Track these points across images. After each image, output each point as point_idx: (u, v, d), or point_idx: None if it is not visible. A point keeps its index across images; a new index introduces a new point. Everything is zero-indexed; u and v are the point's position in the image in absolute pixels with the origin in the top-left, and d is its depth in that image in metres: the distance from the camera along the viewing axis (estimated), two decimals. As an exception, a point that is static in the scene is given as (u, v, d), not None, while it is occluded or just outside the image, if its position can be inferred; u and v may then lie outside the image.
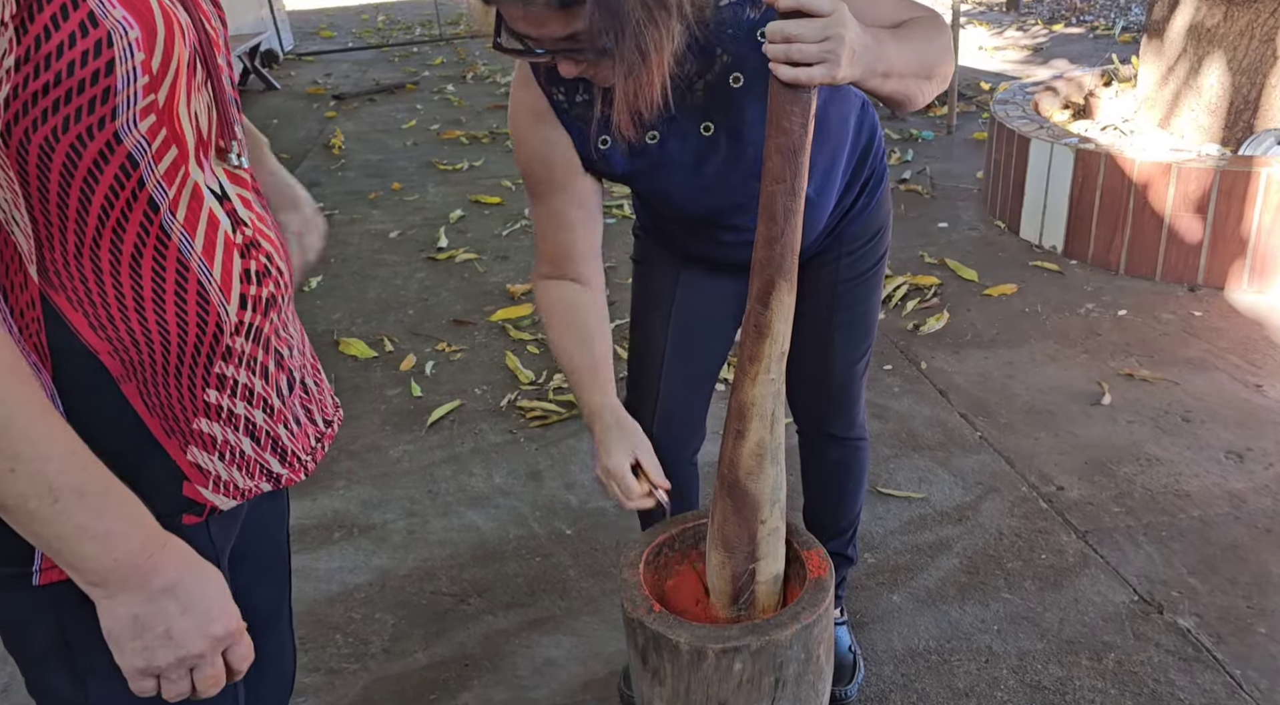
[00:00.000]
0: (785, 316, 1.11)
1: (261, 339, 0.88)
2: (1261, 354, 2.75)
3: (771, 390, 1.13)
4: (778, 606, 1.22)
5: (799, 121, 1.00)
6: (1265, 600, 1.86)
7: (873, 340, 1.55)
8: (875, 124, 1.43)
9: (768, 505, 1.16)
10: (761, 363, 1.12)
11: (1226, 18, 3.38)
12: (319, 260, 1.02)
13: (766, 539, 1.17)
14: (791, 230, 1.07)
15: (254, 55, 7.84)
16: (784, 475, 1.19)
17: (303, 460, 0.94)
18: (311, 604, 2.04)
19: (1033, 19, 8.34)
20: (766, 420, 1.14)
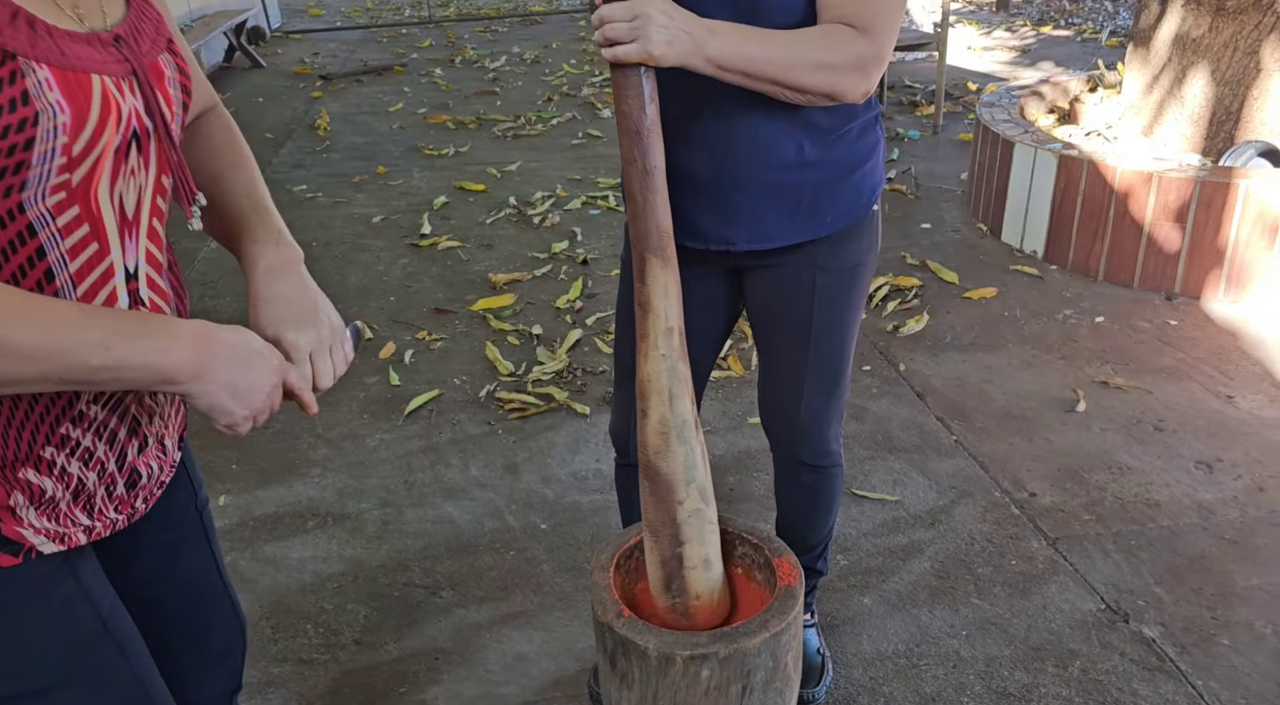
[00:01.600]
0: (663, 292, 1.14)
1: (120, 408, 0.88)
2: (1234, 365, 2.78)
3: (664, 366, 1.15)
4: (717, 597, 1.22)
5: (635, 103, 1.10)
6: (1229, 611, 1.89)
7: (847, 379, 1.52)
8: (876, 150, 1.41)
9: (682, 485, 1.16)
10: (649, 340, 1.15)
11: (1212, 29, 3.41)
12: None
13: (688, 521, 1.18)
14: (652, 208, 1.12)
15: (240, 32, 7.74)
16: (699, 456, 1.18)
17: (113, 519, 0.93)
18: (283, 593, 2.04)
19: (1021, 20, 8.36)
20: (664, 397, 1.15)
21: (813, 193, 1.34)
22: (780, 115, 1.28)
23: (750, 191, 1.33)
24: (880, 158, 1.43)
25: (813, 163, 1.32)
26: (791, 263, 1.39)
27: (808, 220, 1.36)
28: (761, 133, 1.29)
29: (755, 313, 1.49)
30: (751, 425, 2.57)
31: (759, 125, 1.28)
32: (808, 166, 1.32)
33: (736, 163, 1.31)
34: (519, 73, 7.23)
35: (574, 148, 5.24)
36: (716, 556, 1.22)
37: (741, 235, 1.36)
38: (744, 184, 1.32)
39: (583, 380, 2.85)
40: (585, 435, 2.57)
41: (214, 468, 2.48)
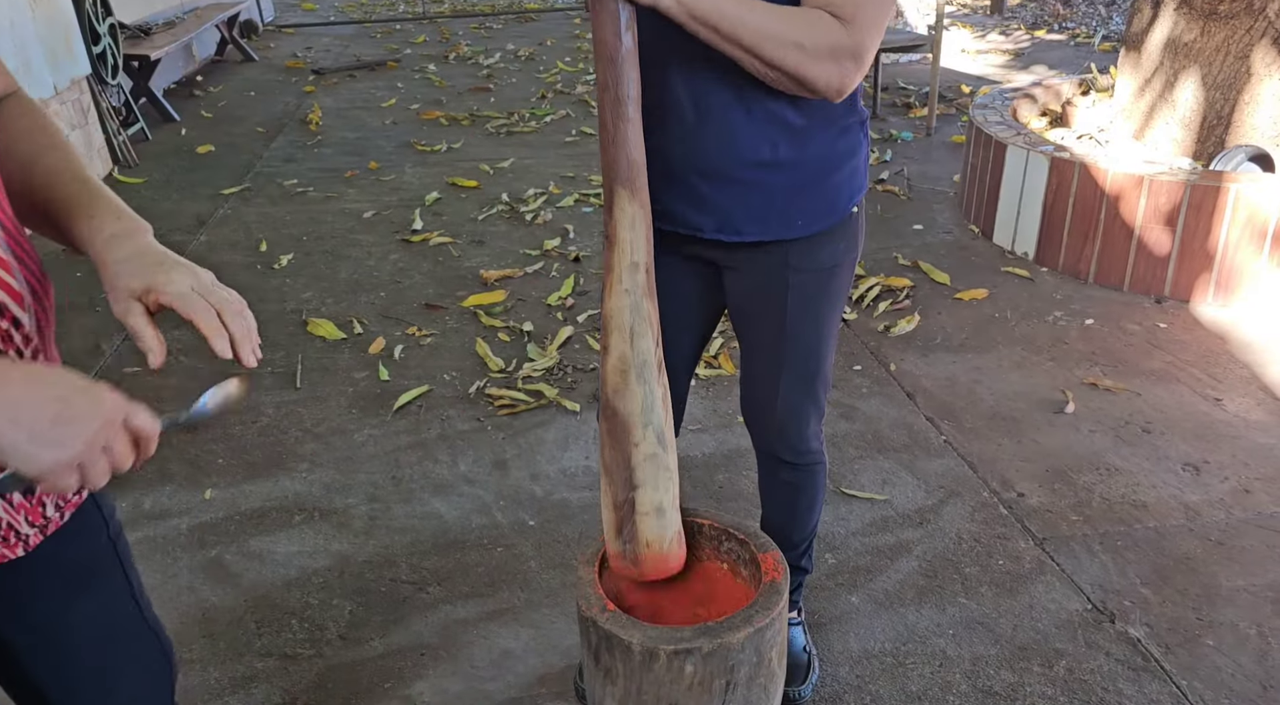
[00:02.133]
0: (630, 224, 1.12)
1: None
2: (1223, 368, 2.79)
3: (627, 302, 1.13)
4: (667, 547, 1.19)
5: (611, 29, 1.10)
6: (1214, 612, 1.90)
7: (825, 377, 1.51)
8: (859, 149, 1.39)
9: (639, 427, 1.14)
10: (614, 273, 1.13)
11: (1203, 33, 3.42)
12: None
13: (643, 465, 1.15)
14: (623, 137, 1.11)
15: (233, 25, 7.71)
16: (658, 400, 1.15)
17: (23, 534, 0.86)
18: (268, 588, 2.03)
19: (1015, 23, 8.38)
20: (625, 334, 1.13)
21: (784, 194, 1.33)
22: (757, 113, 1.27)
23: (720, 186, 1.32)
24: (863, 164, 1.40)
25: (786, 164, 1.31)
26: (766, 261, 1.39)
27: (777, 221, 1.35)
28: (737, 129, 1.28)
29: (733, 306, 1.49)
30: (740, 424, 2.57)
31: (734, 121, 1.27)
32: (780, 167, 1.31)
33: (709, 157, 1.30)
34: (513, 69, 7.22)
35: (567, 145, 5.23)
36: (671, 505, 1.19)
37: (709, 224, 1.35)
38: (714, 178, 1.31)
39: (573, 377, 2.84)
40: (575, 432, 2.56)
41: (200, 461, 2.47)
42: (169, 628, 1.94)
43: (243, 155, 5.18)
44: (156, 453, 2.06)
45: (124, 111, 5.30)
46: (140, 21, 6.10)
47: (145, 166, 4.98)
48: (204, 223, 4.18)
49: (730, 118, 1.27)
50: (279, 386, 2.82)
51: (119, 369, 2.94)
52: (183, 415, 0.82)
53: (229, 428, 2.62)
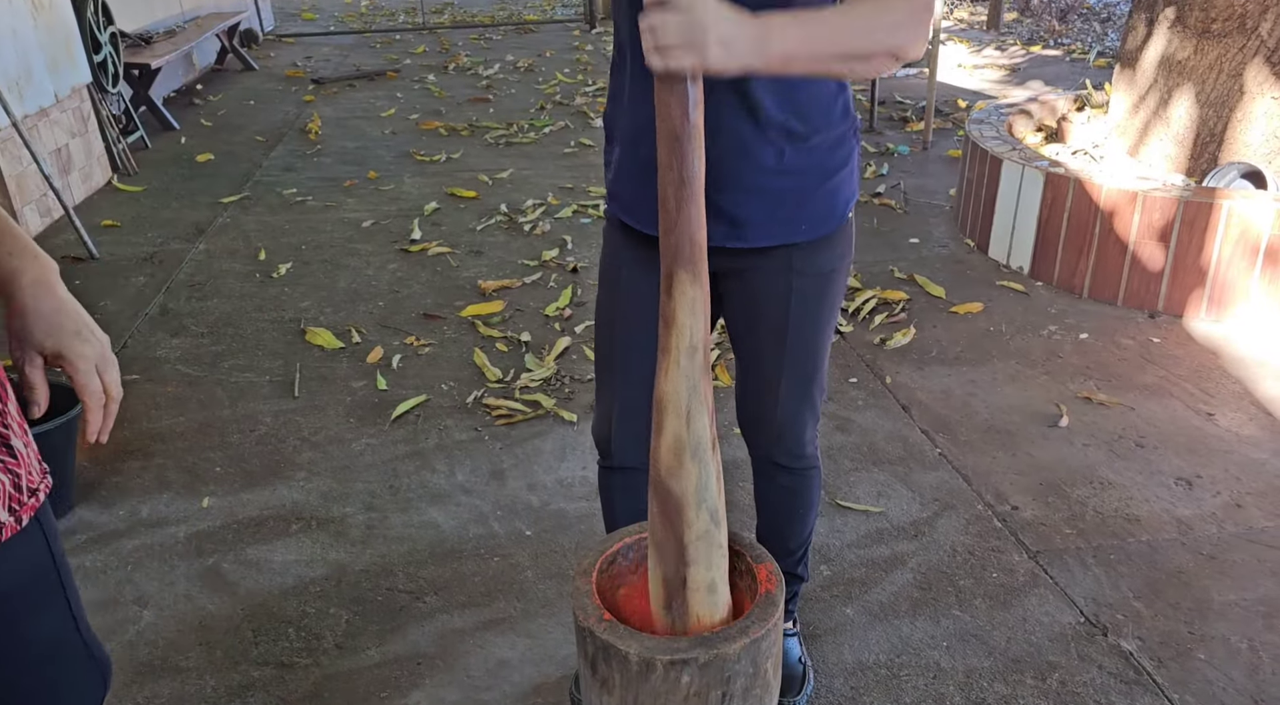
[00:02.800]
0: (690, 308, 1.10)
1: None
2: (1215, 383, 2.81)
3: (685, 385, 1.12)
4: (718, 621, 1.20)
5: (679, 110, 1.04)
6: (1206, 626, 1.91)
7: (822, 381, 1.54)
8: (853, 158, 1.42)
9: (693, 507, 1.14)
10: (671, 356, 1.12)
11: (1197, 51, 3.45)
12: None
13: (695, 543, 1.15)
14: (686, 219, 1.08)
15: (233, 34, 7.74)
16: (713, 478, 1.15)
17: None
18: (265, 596, 2.03)
19: (1012, 39, 8.44)
20: (681, 415, 1.12)
21: (791, 199, 1.36)
22: (764, 122, 1.30)
23: (731, 195, 1.35)
24: (855, 170, 1.45)
25: (792, 170, 1.34)
26: (768, 268, 1.41)
27: (784, 225, 1.38)
28: (746, 139, 1.31)
29: (732, 317, 1.51)
30: (736, 434, 2.58)
31: (745, 133, 1.30)
32: (787, 173, 1.34)
33: (721, 167, 1.32)
34: (512, 80, 7.25)
35: (566, 156, 5.25)
36: (723, 580, 1.20)
37: (719, 232, 1.37)
38: (726, 187, 1.34)
39: (570, 388, 2.85)
40: (572, 443, 2.57)
41: (198, 469, 2.48)
42: (166, 636, 1.96)
43: (242, 164, 5.20)
44: (154, 461, 2.10)
45: (124, 119, 5.32)
46: (141, 30, 6.13)
47: (144, 174, 4.99)
48: (203, 231, 4.19)
49: (741, 129, 1.30)
50: (277, 395, 2.83)
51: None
52: None
53: (227, 436, 2.62)
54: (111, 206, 4.51)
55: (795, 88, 1.30)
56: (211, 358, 3.05)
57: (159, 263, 3.84)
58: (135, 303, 3.47)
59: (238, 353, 3.09)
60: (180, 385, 2.89)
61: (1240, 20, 3.32)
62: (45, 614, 1.01)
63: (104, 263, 3.84)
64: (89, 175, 4.68)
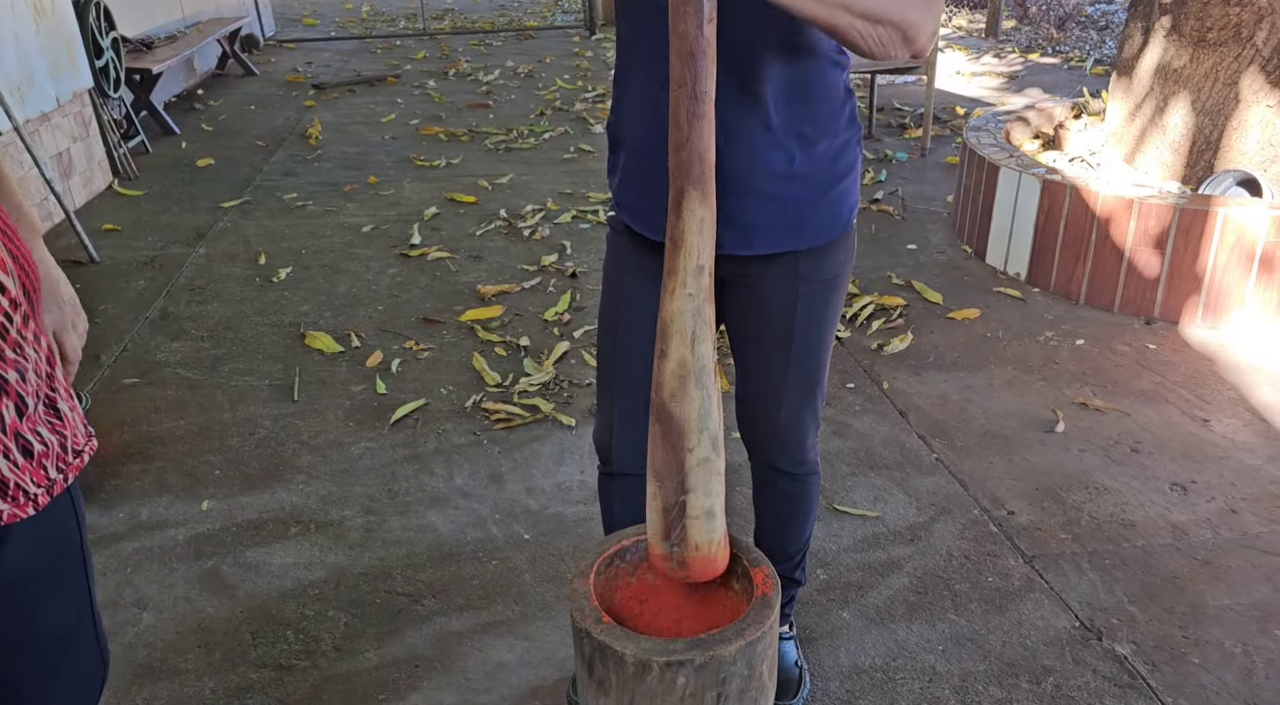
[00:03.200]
0: (698, 227, 1.10)
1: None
2: (1210, 389, 2.83)
3: (690, 306, 1.12)
4: (715, 550, 1.21)
5: (694, 22, 1.04)
6: (1200, 631, 1.92)
7: (824, 387, 1.55)
8: (856, 164, 1.43)
9: (694, 432, 1.14)
10: (678, 277, 1.12)
11: (1193, 60, 3.48)
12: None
13: (696, 469, 1.16)
14: (697, 135, 1.08)
15: (234, 40, 7.76)
16: (714, 403, 1.15)
17: (31, 494, 0.89)
18: (264, 599, 2.04)
19: (1010, 46, 8.48)
20: (686, 338, 1.12)
21: (798, 206, 1.38)
22: (775, 125, 1.31)
23: (741, 200, 1.36)
24: (858, 178, 1.46)
25: (800, 175, 1.36)
26: (774, 274, 1.43)
27: (791, 232, 1.39)
28: (758, 142, 1.32)
29: (736, 324, 1.52)
30: (734, 439, 2.59)
31: (755, 135, 1.31)
32: (795, 179, 1.36)
33: (733, 171, 1.33)
34: (512, 86, 7.28)
35: (565, 162, 5.27)
36: (720, 509, 1.20)
37: (728, 239, 1.38)
38: (737, 191, 1.35)
39: (569, 392, 2.86)
40: (570, 447, 2.58)
41: (198, 472, 2.48)
42: (165, 638, 1.97)
43: (242, 169, 5.22)
44: (153, 464, 2.13)
45: (125, 124, 5.33)
46: (142, 35, 6.15)
47: (145, 179, 5.01)
48: (203, 235, 4.20)
49: (754, 133, 1.31)
50: (276, 399, 2.84)
51: (117, 380, 2.95)
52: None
53: (227, 439, 2.63)
54: (112, 210, 4.52)
55: (806, 93, 1.32)
56: (211, 361, 3.06)
57: (159, 267, 3.85)
58: (135, 306, 3.48)
59: (237, 356, 3.10)
60: (180, 389, 2.90)
61: (1235, 29, 3.34)
62: (69, 597, 1.03)
63: (104, 266, 3.85)
64: (90, 179, 4.69)
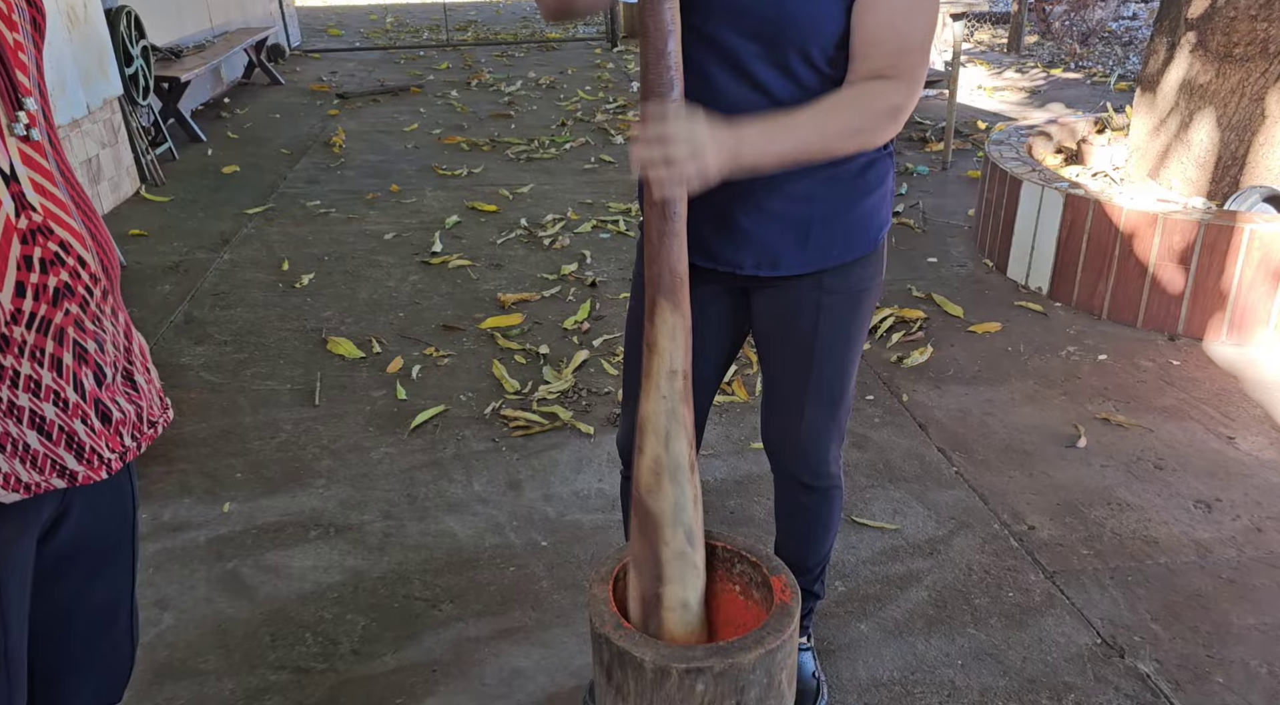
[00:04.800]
0: (671, 334, 1.16)
1: (52, 330, 0.87)
2: (1236, 406, 2.80)
3: (664, 408, 1.16)
4: (693, 635, 1.23)
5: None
6: (1224, 650, 1.90)
7: (849, 402, 1.54)
8: (887, 179, 1.43)
9: (669, 526, 1.17)
10: (652, 380, 1.17)
11: (1218, 75, 3.46)
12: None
13: (672, 562, 1.18)
14: (667, 252, 1.14)
15: (260, 49, 7.85)
16: (689, 500, 1.19)
17: (105, 458, 0.93)
18: (284, 601, 2.05)
19: (1032, 62, 8.45)
20: (660, 437, 1.17)
21: (820, 225, 1.37)
22: None
23: (761, 220, 1.36)
24: (889, 195, 1.45)
25: (821, 196, 1.36)
26: (799, 285, 1.42)
27: (815, 251, 1.39)
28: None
29: (761, 332, 1.52)
30: (754, 450, 2.59)
31: None
32: (816, 199, 1.36)
33: (751, 192, 1.34)
34: (534, 97, 7.32)
35: (586, 172, 5.30)
36: (697, 600, 1.22)
37: (749, 260, 1.39)
38: (755, 212, 1.35)
39: (588, 401, 2.87)
40: (588, 455, 2.59)
41: (220, 475, 2.50)
42: (186, 638, 1.98)
43: (267, 176, 5.27)
44: (176, 466, 2.15)
45: (153, 131, 5.41)
46: (171, 44, 6.24)
47: (171, 185, 5.07)
48: (228, 241, 4.25)
49: None
50: (298, 403, 2.86)
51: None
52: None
53: (248, 443, 2.65)
54: (139, 216, 4.58)
55: None
56: (234, 365, 3.09)
57: (184, 272, 3.90)
58: (161, 310, 3.52)
59: (260, 361, 3.13)
60: (203, 392, 2.92)
61: (1263, 45, 3.32)
62: (116, 575, 1.07)
63: (131, 271, 3.90)
64: (118, 185, 4.75)
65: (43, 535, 0.96)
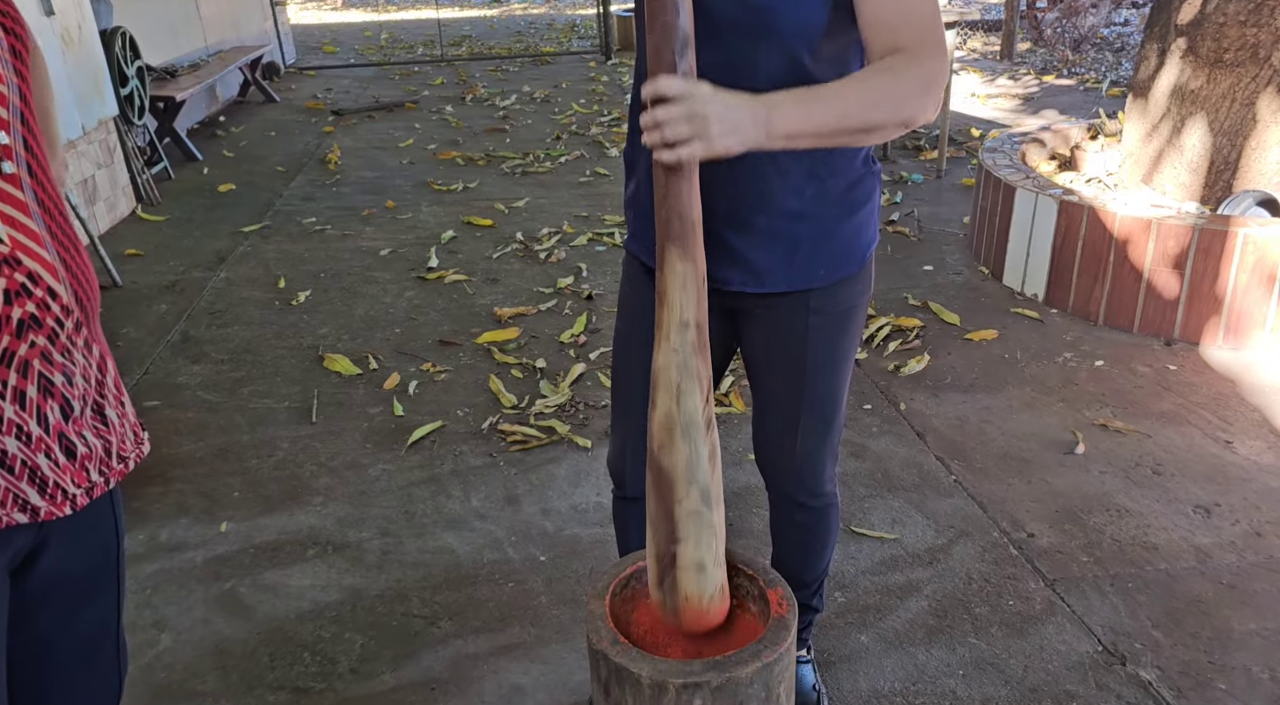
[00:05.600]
0: (681, 284, 1.13)
1: (15, 362, 0.85)
2: (1233, 411, 2.80)
3: (675, 361, 1.13)
4: (707, 602, 1.20)
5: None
6: (1226, 656, 1.89)
7: (841, 420, 1.53)
8: (873, 195, 1.42)
9: (683, 484, 1.15)
10: (663, 331, 1.14)
11: (1210, 80, 3.47)
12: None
13: (685, 520, 1.16)
14: (675, 194, 1.11)
15: (255, 67, 7.88)
16: (704, 457, 1.15)
17: (70, 494, 0.92)
18: (282, 621, 2.04)
19: (1025, 69, 8.49)
20: (672, 392, 1.14)
21: (808, 244, 1.36)
22: (787, 166, 1.30)
23: (748, 239, 1.35)
24: (875, 212, 1.44)
25: (810, 214, 1.34)
26: (786, 305, 1.41)
27: (801, 270, 1.38)
28: (770, 181, 1.31)
29: (750, 353, 1.51)
30: (750, 462, 2.59)
31: (768, 175, 1.31)
32: (805, 218, 1.34)
33: (740, 209, 1.33)
34: (529, 111, 7.34)
35: (581, 185, 5.31)
36: (713, 562, 1.19)
37: (735, 278, 1.38)
38: (743, 230, 1.34)
39: (585, 414, 2.87)
40: (586, 469, 2.58)
41: (216, 494, 2.50)
42: (184, 660, 1.97)
43: (263, 194, 5.28)
44: (173, 486, 2.14)
45: (148, 151, 5.42)
46: (166, 64, 6.26)
47: (168, 204, 5.08)
48: (224, 259, 4.25)
49: (765, 171, 1.30)
50: (295, 421, 2.86)
51: (138, 403, 2.98)
52: None
53: (245, 461, 2.65)
54: (135, 235, 4.59)
55: None
56: (231, 384, 3.09)
57: (181, 290, 3.90)
58: (157, 330, 3.52)
59: (257, 379, 3.12)
60: (200, 411, 2.92)
61: (1253, 50, 3.34)
62: (100, 606, 1.06)
63: (127, 290, 3.90)
64: (114, 205, 4.76)
65: (20, 568, 0.95)
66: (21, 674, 0.99)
